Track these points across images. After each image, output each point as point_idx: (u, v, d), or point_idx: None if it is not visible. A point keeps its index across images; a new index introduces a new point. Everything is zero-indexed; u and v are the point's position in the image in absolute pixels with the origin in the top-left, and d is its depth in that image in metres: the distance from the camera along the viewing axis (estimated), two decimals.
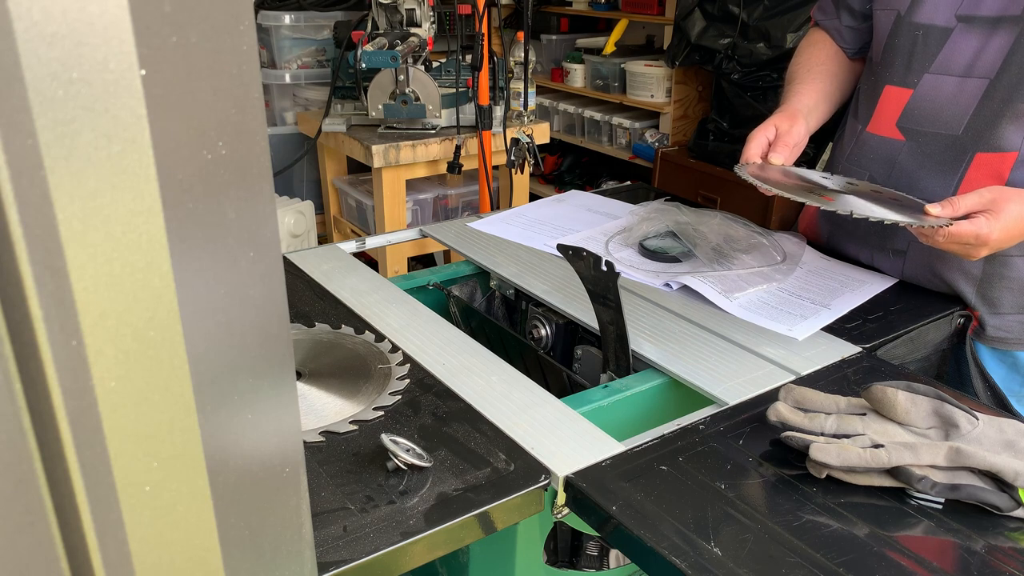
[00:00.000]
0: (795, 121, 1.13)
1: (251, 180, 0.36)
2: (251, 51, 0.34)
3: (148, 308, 0.32)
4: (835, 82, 1.26)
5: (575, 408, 0.85)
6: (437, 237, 1.37)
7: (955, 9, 1.05)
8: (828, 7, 1.29)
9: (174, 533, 0.36)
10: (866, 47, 1.26)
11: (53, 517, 0.32)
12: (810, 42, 1.32)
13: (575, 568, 0.94)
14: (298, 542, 0.45)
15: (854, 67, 1.29)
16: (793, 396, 0.82)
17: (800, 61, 1.29)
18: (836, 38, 1.28)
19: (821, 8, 1.31)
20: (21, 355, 0.30)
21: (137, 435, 0.33)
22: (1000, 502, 0.70)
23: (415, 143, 2.13)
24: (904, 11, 1.11)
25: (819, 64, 1.26)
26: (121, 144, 0.30)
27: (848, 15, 1.26)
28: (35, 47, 0.27)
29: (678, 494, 0.72)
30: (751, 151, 1.10)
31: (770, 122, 1.13)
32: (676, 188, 2.77)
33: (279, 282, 0.39)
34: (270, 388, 0.40)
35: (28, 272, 0.29)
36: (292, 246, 2.50)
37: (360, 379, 0.89)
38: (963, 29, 1.04)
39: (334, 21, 2.46)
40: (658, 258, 1.22)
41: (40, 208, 0.28)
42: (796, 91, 1.22)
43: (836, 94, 1.27)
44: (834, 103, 1.27)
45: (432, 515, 0.69)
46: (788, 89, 1.25)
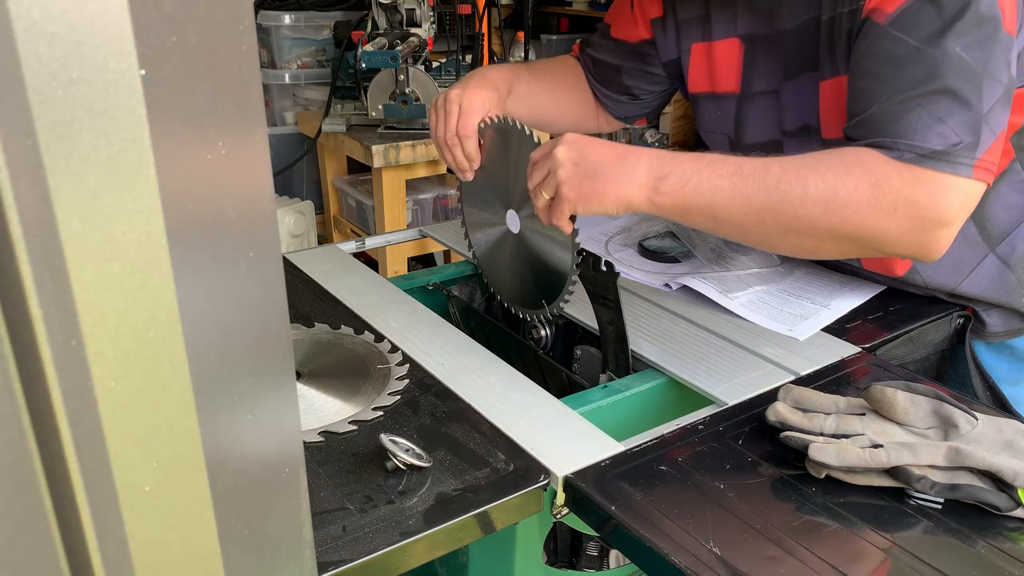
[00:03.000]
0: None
1: (251, 180, 0.36)
2: (251, 51, 0.34)
3: (148, 308, 0.32)
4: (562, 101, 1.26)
5: (574, 408, 0.85)
6: (437, 237, 1.37)
7: (775, 126, 1.08)
8: (599, 72, 1.26)
9: (174, 533, 0.36)
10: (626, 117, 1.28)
11: (53, 517, 0.32)
12: (563, 63, 1.29)
13: (575, 568, 0.94)
14: (298, 542, 0.45)
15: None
16: (792, 396, 0.82)
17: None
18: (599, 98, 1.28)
19: (595, 65, 1.26)
20: (21, 355, 0.30)
21: (137, 435, 0.33)
22: (999, 502, 0.70)
23: (415, 143, 2.13)
24: (733, 136, 1.14)
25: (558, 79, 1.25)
26: (121, 144, 0.30)
27: (618, 91, 1.25)
28: (35, 47, 0.27)
29: (677, 494, 0.72)
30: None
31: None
32: None
33: (279, 282, 0.39)
34: (270, 388, 0.40)
35: (28, 272, 0.29)
36: (292, 246, 2.49)
37: (359, 379, 0.89)
38: (789, 143, 1.07)
39: (334, 21, 2.46)
40: (657, 258, 1.22)
41: (40, 208, 0.28)
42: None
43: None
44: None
45: (431, 515, 0.69)
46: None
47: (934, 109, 0.82)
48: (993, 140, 0.83)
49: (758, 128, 1.11)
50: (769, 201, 0.82)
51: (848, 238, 0.84)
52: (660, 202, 0.85)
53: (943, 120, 0.82)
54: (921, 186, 0.81)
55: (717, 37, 1.10)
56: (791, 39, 1.01)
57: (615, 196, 0.85)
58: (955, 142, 0.82)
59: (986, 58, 0.82)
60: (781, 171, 0.83)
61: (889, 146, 0.84)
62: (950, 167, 0.81)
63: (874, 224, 0.82)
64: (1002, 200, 1.02)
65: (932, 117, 0.82)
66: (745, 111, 1.11)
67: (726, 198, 0.83)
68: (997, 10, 0.83)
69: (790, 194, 0.82)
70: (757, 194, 0.83)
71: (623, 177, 0.85)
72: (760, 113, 1.10)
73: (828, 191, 0.81)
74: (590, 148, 0.87)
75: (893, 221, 0.82)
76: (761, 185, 0.83)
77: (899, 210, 0.81)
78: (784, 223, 0.83)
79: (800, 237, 0.85)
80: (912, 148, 0.82)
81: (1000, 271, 1.04)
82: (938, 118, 0.82)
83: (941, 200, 0.81)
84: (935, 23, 0.83)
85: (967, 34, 0.82)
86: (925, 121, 0.82)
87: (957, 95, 0.82)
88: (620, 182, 0.85)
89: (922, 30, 0.83)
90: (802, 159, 0.85)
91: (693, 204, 0.84)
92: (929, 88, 0.83)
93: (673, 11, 1.14)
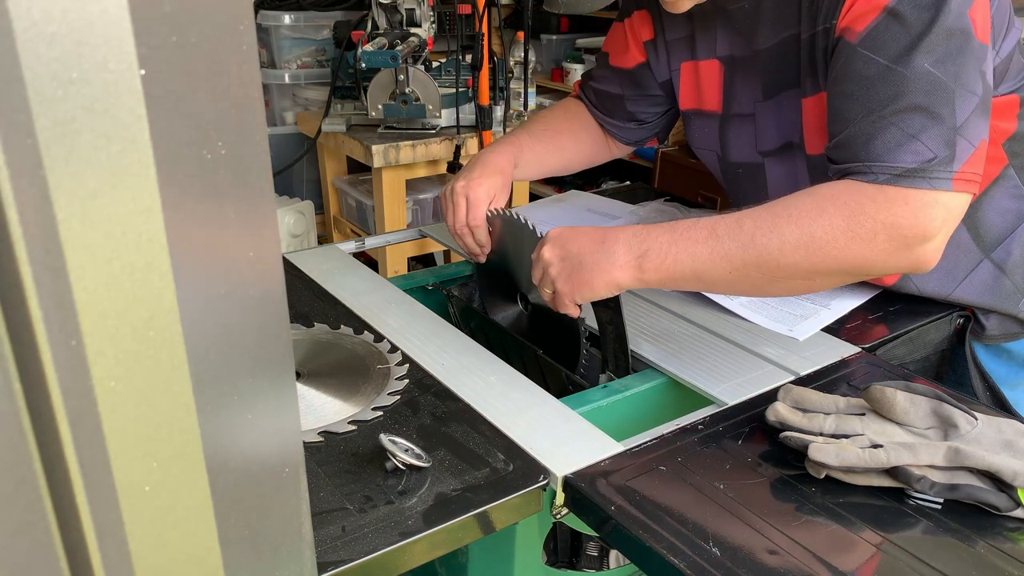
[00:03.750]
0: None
1: (251, 180, 0.36)
2: (251, 51, 0.34)
3: (148, 308, 0.32)
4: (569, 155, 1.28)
5: (574, 408, 0.85)
6: (437, 237, 1.37)
7: (753, 147, 1.09)
8: (603, 103, 1.28)
9: (174, 533, 0.36)
10: (634, 143, 1.30)
11: (53, 517, 0.32)
12: (565, 108, 1.32)
13: (575, 568, 0.94)
14: (298, 542, 0.45)
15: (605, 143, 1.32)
16: (792, 396, 0.82)
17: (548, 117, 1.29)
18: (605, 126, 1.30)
19: (598, 97, 1.29)
20: (21, 355, 0.30)
21: (137, 435, 0.33)
22: (999, 502, 0.70)
23: (415, 143, 2.13)
24: (720, 153, 1.16)
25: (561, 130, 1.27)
26: (121, 144, 0.30)
27: (624, 118, 1.28)
28: (35, 47, 0.27)
29: (677, 494, 0.72)
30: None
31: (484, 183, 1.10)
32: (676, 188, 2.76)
33: (279, 282, 0.39)
34: (270, 388, 0.40)
35: (28, 272, 0.29)
36: (292, 246, 2.49)
37: (359, 379, 0.89)
38: (771, 162, 1.08)
39: (334, 21, 2.46)
40: None
41: (40, 208, 0.28)
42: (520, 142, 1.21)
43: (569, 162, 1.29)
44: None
45: (431, 515, 0.69)
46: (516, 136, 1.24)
47: (906, 126, 0.83)
48: (973, 151, 0.83)
49: (739, 148, 1.13)
50: (749, 256, 0.83)
51: (836, 272, 0.84)
52: (646, 278, 0.87)
53: (916, 137, 0.82)
54: (898, 207, 0.81)
55: (701, 57, 1.12)
56: (770, 57, 1.02)
57: (603, 282, 0.87)
58: (929, 157, 0.82)
59: (957, 71, 0.82)
60: (755, 225, 0.84)
61: (863, 171, 0.84)
62: (927, 183, 0.81)
63: (857, 254, 0.82)
64: (996, 206, 1.02)
65: (905, 135, 0.82)
66: (727, 130, 1.13)
67: (707, 262, 0.84)
68: (967, 21, 0.82)
69: (768, 245, 0.83)
70: (736, 252, 0.83)
71: (605, 263, 0.87)
72: (739, 134, 1.12)
73: (804, 234, 0.82)
74: (572, 241, 0.90)
75: (875, 247, 0.82)
76: (737, 243, 0.83)
77: (878, 235, 0.81)
78: (769, 273, 0.84)
79: (789, 282, 0.85)
80: (886, 169, 0.83)
81: (995, 277, 1.04)
82: (911, 135, 0.82)
83: (921, 216, 0.81)
84: (903, 40, 0.83)
85: (935, 49, 0.82)
86: (898, 139, 0.83)
87: (928, 111, 0.82)
88: (604, 268, 0.87)
89: (890, 48, 0.84)
90: (773, 207, 0.85)
91: (678, 274, 0.86)
92: (900, 106, 0.83)
93: (663, 32, 1.17)
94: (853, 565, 0.65)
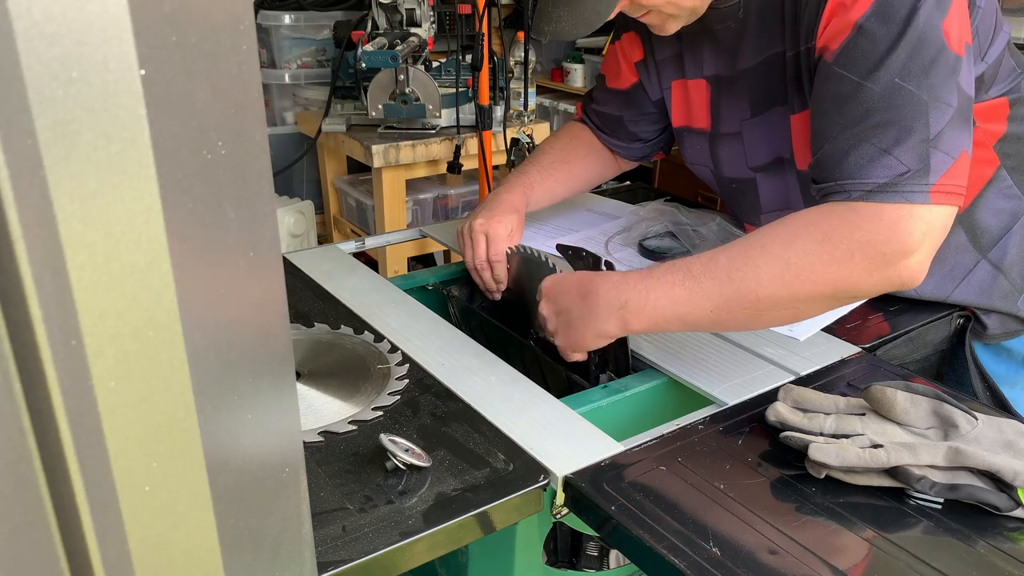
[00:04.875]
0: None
1: (251, 180, 0.36)
2: (251, 51, 0.34)
3: (148, 308, 0.32)
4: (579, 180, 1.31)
5: (574, 408, 0.85)
6: (437, 237, 1.37)
7: (744, 164, 1.10)
8: (606, 124, 1.30)
9: (174, 533, 0.36)
10: (638, 159, 1.33)
11: (53, 517, 0.32)
12: (570, 134, 1.34)
13: (575, 568, 0.94)
14: (298, 542, 0.45)
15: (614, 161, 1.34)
16: (792, 396, 0.82)
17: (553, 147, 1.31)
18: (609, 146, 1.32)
19: (599, 118, 1.31)
20: (21, 355, 0.30)
21: (137, 435, 0.33)
22: (999, 502, 0.70)
23: (415, 143, 2.13)
24: (713, 168, 1.17)
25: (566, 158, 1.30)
26: (121, 144, 0.30)
27: (627, 138, 1.29)
28: (35, 47, 0.27)
29: (677, 494, 0.72)
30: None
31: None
32: (676, 188, 2.77)
33: (279, 282, 0.39)
34: (270, 388, 0.40)
35: (28, 272, 0.29)
36: (292, 246, 2.49)
37: (359, 379, 0.89)
38: (762, 177, 1.09)
39: (334, 21, 2.46)
40: (657, 258, 1.22)
41: (40, 208, 0.28)
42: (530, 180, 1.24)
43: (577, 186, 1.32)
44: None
45: (431, 515, 0.69)
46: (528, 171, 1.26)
47: (878, 141, 0.82)
48: (951, 163, 0.82)
49: (730, 164, 1.13)
50: (727, 293, 0.83)
51: (819, 297, 0.84)
52: (631, 327, 0.87)
53: (888, 151, 0.82)
54: (872, 224, 0.81)
55: (690, 76, 1.13)
56: (757, 75, 1.03)
57: (593, 335, 0.89)
58: (902, 171, 0.81)
59: (930, 83, 0.82)
60: (729, 260, 0.83)
61: (838, 190, 0.84)
62: (901, 197, 0.80)
63: (836, 276, 0.81)
64: (991, 207, 1.02)
65: (877, 150, 0.82)
66: (717, 148, 1.14)
67: (687, 304, 0.84)
68: (939, 33, 0.82)
69: (744, 280, 0.82)
70: (715, 289, 0.83)
71: (591, 317, 0.88)
72: (729, 152, 1.13)
73: (779, 262, 0.81)
74: (561, 296, 0.92)
75: (854, 267, 0.81)
76: (714, 281, 0.83)
77: (855, 255, 0.80)
78: (751, 306, 0.83)
79: (772, 313, 0.85)
80: (859, 186, 0.82)
81: (993, 276, 1.05)
82: (883, 150, 0.82)
83: (897, 231, 0.80)
84: (872, 56, 0.83)
85: (905, 62, 0.82)
86: (871, 155, 0.82)
87: (900, 125, 0.82)
88: (590, 323, 0.88)
89: (861, 65, 0.84)
90: (747, 240, 0.85)
91: (660, 319, 0.85)
92: (872, 122, 0.83)
93: (652, 52, 1.18)
94: (853, 565, 0.65)
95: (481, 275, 1.14)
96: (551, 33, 0.94)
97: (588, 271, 0.94)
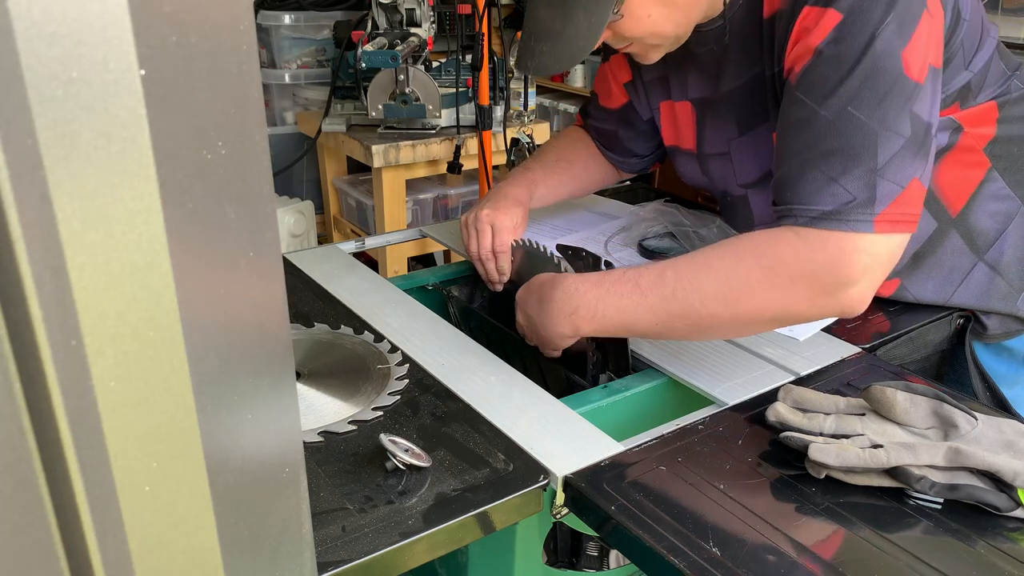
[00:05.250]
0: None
1: (251, 180, 0.36)
2: (251, 51, 0.34)
3: (148, 308, 0.32)
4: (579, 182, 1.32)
5: (574, 408, 0.85)
6: (437, 237, 1.37)
7: (734, 181, 1.11)
8: (603, 139, 1.31)
9: (174, 533, 0.36)
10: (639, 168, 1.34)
11: (53, 517, 0.32)
12: (572, 137, 1.35)
13: (575, 568, 0.94)
14: (298, 542, 0.45)
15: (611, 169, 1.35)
16: (792, 396, 0.82)
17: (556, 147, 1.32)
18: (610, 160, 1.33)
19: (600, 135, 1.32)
20: (21, 355, 0.30)
21: (137, 435, 0.33)
22: (999, 502, 0.70)
23: (415, 143, 2.13)
24: (708, 183, 1.18)
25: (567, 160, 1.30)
26: (121, 144, 0.30)
27: (623, 153, 1.31)
28: (35, 47, 0.27)
29: (677, 494, 0.72)
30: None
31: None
32: (676, 188, 2.76)
33: (279, 282, 0.39)
34: (270, 388, 0.40)
35: (28, 272, 0.29)
36: (292, 246, 2.49)
37: (359, 379, 0.89)
38: (753, 193, 1.10)
39: (334, 21, 2.46)
40: (657, 258, 1.22)
41: (40, 208, 0.28)
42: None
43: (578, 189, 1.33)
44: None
45: (431, 515, 0.69)
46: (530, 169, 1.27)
47: (827, 168, 0.83)
48: (900, 192, 0.82)
49: (722, 181, 1.15)
50: (671, 308, 0.85)
51: (760, 320, 0.85)
52: (583, 331, 0.91)
53: (835, 180, 0.82)
54: (816, 252, 0.81)
55: (676, 98, 1.14)
56: (741, 96, 1.03)
57: (555, 336, 0.93)
58: (847, 200, 0.81)
59: (882, 113, 0.82)
60: (676, 277, 0.85)
61: (787, 214, 0.85)
62: (844, 225, 0.81)
63: (778, 302, 0.83)
64: (985, 209, 1.02)
65: (825, 177, 0.83)
66: (707, 167, 1.16)
67: (631, 316, 0.87)
68: (897, 62, 0.82)
69: (688, 298, 0.84)
70: (659, 305, 0.85)
71: (548, 321, 0.92)
72: (718, 170, 1.14)
73: (723, 285, 0.83)
74: (527, 304, 0.97)
75: (795, 293, 0.82)
76: (659, 296, 0.85)
77: (796, 282, 0.82)
78: (693, 323, 0.85)
79: (715, 331, 0.87)
80: (805, 212, 0.83)
81: (990, 278, 1.05)
82: (831, 178, 0.82)
83: (841, 260, 0.81)
84: (828, 83, 0.84)
85: (858, 91, 0.82)
86: (819, 182, 0.83)
87: (847, 153, 0.82)
88: (550, 326, 0.92)
89: (817, 91, 0.84)
90: (695, 257, 0.87)
91: (609, 326, 0.89)
92: (822, 149, 0.83)
93: (639, 74, 1.19)
94: (853, 565, 0.65)
95: (485, 266, 1.14)
96: (534, 68, 0.96)
97: (551, 274, 0.96)
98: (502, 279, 1.15)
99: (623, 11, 0.92)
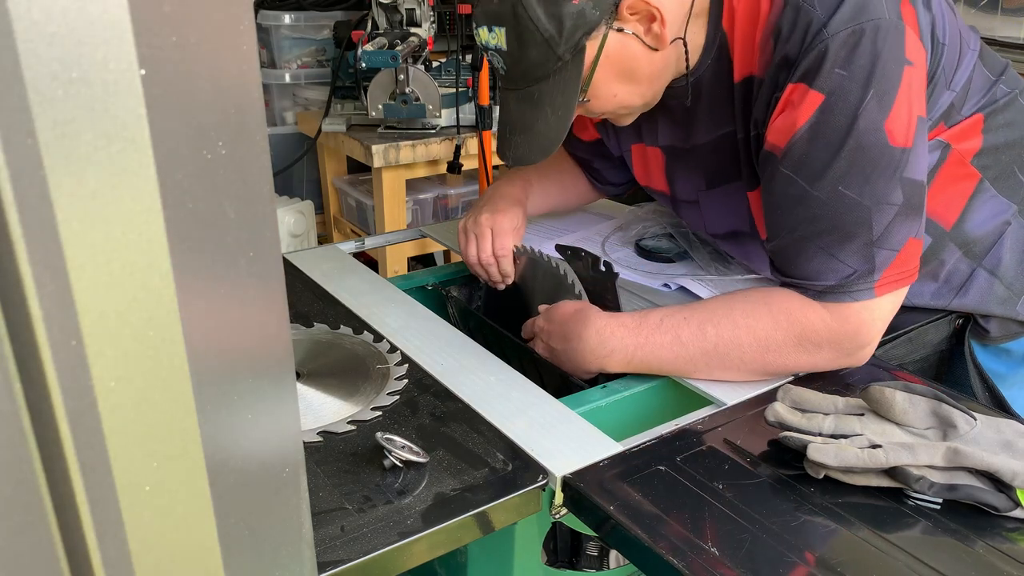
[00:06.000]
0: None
1: (251, 180, 0.36)
2: (251, 51, 0.34)
3: (148, 308, 0.32)
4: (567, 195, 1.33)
5: (573, 408, 0.85)
6: (437, 237, 1.37)
7: (706, 230, 1.14)
8: (582, 164, 1.31)
9: (174, 533, 0.36)
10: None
11: (53, 517, 0.32)
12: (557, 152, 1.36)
13: (574, 568, 0.94)
14: (298, 542, 0.45)
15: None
16: (791, 396, 0.82)
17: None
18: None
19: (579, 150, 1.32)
20: (21, 355, 0.30)
21: (137, 435, 0.33)
22: (998, 502, 0.70)
23: (415, 143, 2.13)
24: (668, 193, 1.19)
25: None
26: (121, 144, 0.30)
27: (601, 179, 1.32)
28: (35, 47, 0.27)
29: (676, 494, 0.72)
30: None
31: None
32: None
33: (279, 282, 0.39)
34: (270, 388, 0.40)
35: (28, 272, 0.29)
36: (292, 246, 2.49)
37: (358, 379, 0.89)
38: (723, 242, 1.14)
39: (334, 21, 2.46)
40: (654, 258, 1.22)
41: (40, 208, 0.28)
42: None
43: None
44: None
45: (430, 515, 0.69)
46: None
47: (825, 245, 0.87)
48: (895, 256, 0.87)
49: (693, 225, 1.18)
50: (711, 361, 0.90)
51: (786, 373, 0.92)
52: (612, 370, 0.94)
53: (834, 256, 0.86)
54: (841, 324, 0.88)
55: (647, 143, 1.15)
56: (709, 152, 1.04)
57: (586, 370, 0.96)
58: (848, 274, 0.86)
59: (872, 188, 0.84)
60: (717, 334, 0.90)
61: (793, 285, 0.90)
62: (850, 297, 0.87)
63: (806, 362, 0.91)
64: (978, 218, 1.03)
65: (825, 254, 0.87)
66: (679, 210, 1.17)
67: (670, 366, 0.92)
68: (881, 134, 0.83)
69: (728, 354, 0.89)
70: (699, 357, 0.90)
71: (578, 358, 0.95)
72: (688, 216, 1.16)
73: (759, 345, 0.89)
74: (550, 336, 0.99)
75: (821, 356, 0.90)
76: (700, 350, 0.90)
77: (823, 348, 0.89)
78: (724, 370, 0.91)
79: (743, 377, 0.92)
80: (812, 286, 0.89)
81: (989, 283, 1.05)
82: (830, 254, 0.87)
83: (861, 329, 0.88)
84: (817, 163, 0.85)
85: (847, 170, 0.84)
86: (820, 259, 0.87)
87: (843, 231, 0.86)
88: (579, 362, 0.95)
89: (806, 170, 0.86)
90: (733, 315, 0.91)
91: (641, 369, 0.94)
92: (818, 227, 0.87)
93: None
94: (852, 565, 0.65)
95: (487, 270, 1.14)
96: (513, 159, 0.99)
97: (575, 306, 0.98)
98: (506, 281, 1.15)
99: (588, 95, 0.94)
